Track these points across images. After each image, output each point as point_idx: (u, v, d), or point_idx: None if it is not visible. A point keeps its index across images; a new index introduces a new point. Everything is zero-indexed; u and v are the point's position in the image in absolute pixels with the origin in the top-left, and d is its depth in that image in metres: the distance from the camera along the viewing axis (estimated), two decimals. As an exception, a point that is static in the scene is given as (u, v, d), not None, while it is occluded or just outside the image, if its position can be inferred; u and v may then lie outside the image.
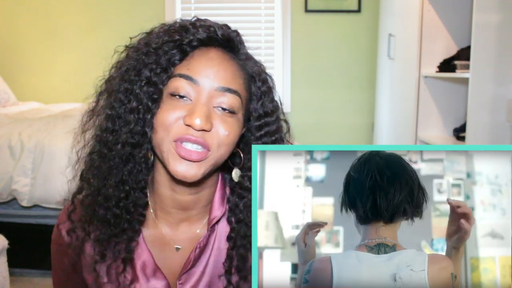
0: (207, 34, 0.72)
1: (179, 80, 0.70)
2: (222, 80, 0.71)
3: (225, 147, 0.72)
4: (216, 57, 0.72)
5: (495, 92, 2.17)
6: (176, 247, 0.80)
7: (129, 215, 0.75)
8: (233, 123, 0.72)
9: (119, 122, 0.73)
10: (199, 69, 0.70)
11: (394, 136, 3.23)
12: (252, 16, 3.87)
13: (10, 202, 2.31)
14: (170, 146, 0.70)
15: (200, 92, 0.70)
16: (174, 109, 0.70)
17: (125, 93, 0.72)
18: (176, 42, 0.71)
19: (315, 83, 3.86)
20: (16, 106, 3.34)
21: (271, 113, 0.78)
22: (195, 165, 0.70)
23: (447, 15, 2.66)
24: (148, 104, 0.71)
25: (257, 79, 0.77)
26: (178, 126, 0.69)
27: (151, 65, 0.71)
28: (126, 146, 0.72)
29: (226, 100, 0.71)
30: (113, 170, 0.73)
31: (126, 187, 0.74)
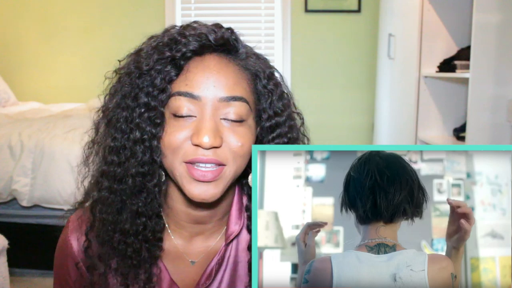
0: (199, 43, 0.67)
1: (179, 99, 0.66)
2: (224, 89, 0.66)
3: (241, 159, 0.68)
4: (213, 64, 0.67)
5: (495, 92, 2.17)
6: (190, 261, 0.77)
7: (148, 243, 0.72)
8: (244, 132, 0.68)
9: (125, 154, 0.68)
10: (198, 82, 0.66)
11: (394, 136, 3.23)
12: (252, 16, 3.87)
13: (10, 202, 2.31)
14: (182, 169, 0.66)
15: (203, 107, 0.65)
16: (179, 130, 0.66)
17: (125, 122, 0.68)
18: (168, 59, 0.66)
19: (315, 83, 3.86)
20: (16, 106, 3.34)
21: (281, 112, 0.73)
22: (212, 184, 0.66)
23: (447, 15, 2.66)
24: (151, 131, 0.67)
25: (262, 76, 0.71)
26: (186, 147, 0.65)
27: (147, 88, 0.67)
28: (137, 177, 0.68)
29: (232, 110, 0.66)
30: (127, 204, 0.70)
31: (142, 218, 0.70)
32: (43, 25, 3.85)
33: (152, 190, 0.70)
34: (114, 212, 0.70)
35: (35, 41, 3.86)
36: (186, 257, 0.77)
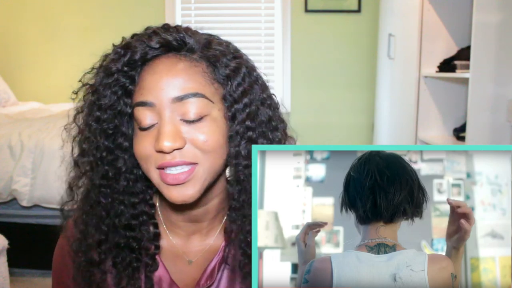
0: (141, 51, 0.67)
1: (138, 110, 0.67)
2: (175, 89, 0.65)
3: (212, 154, 0.67)
4: (162, 67, 0.66)
5: (495, 92, 2.17)
6: (188, 260, 0.77)
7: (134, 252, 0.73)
8: (208, 127, 0.67)
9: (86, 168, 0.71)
10: (150, 88, 0.66)
11: (394, 136, 3.23)
12: (252, 16, 3.87)
13: (10, 202, 2.31)
14: (157, 176, 0.67)
15: (159, 111, 0.65)
16: (144, 139, 0.67)
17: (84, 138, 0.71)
18: (116, 73, 0.67)
19: (315, 83, 3.86)
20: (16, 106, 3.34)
21: (244, 93, 0.70)
22: (188, 185, 0.66)
23: (447, 15, 2.66)
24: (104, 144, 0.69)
25: (218, 65, 0.69)
26: (155, 155, 0.66)
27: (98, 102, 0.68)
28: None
29: (189, 108, 0.65)
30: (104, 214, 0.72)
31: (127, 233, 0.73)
32: (43, 25, 3.85)
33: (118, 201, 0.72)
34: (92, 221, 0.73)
35: (35, 41, 3.86)
36: (185, 257, 0.77)
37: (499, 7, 2.13)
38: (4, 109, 3.16)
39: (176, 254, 0.77)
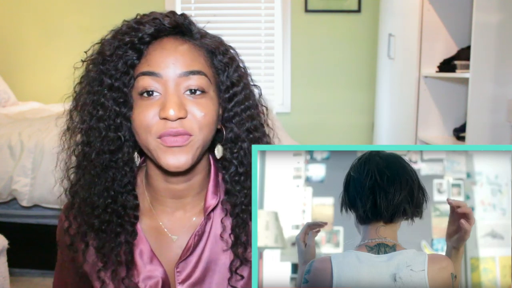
0: (155, 27, 0.73)
1: (143, 79, 0.72)
2: (182, 65, 0.72)
3: (206, 128, 0.73)
4: (170, 45, 0.73)
5: (495, 92, 2.17)
6: (172, 237, 0.81)
7: (120, 218, 0.77)
8: (206, 103, 0.73)
9: (93, 133, 0.74)
10: (158, 62, 0.72)
11: (394, 136, 3.23)
12: (252, 16, 3.87)
13: (10, 202, 2.31)
14: (157, 143, 0.72)
15: (166, 83, 0.71)
16: (148, 108, 0.71)
17: (92, 104, 0.74)
18: (127, 45, 0.72)
19: (315, 83, 3.86)
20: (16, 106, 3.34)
21: (237, 82, 0.78)
22: (183, 152, 0.72)
23: (447, 15, 2.66)
24: (115, 109, 0.73)
25: (217, 52, 0.77)
26: (157, 123, 0.71)
27: (110, 71, 0.72)
28: (103, 154, 0.74)
29: (192, 82, 0.72)
30: (96, 179, 0.75)
31: (111, 192, 0.76)
32: (43, 25, 3.85)
33: (120, 166, 0.76)
34: (86, 187, 0.76)
35: (35, 41, 3.86)
36: (169, 234, 0.81)
37: (499, 7, 2.13)
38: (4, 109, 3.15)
39: (161, 232, 0.81)
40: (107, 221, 0.77)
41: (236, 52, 0.81)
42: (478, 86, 2.18)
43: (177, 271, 0.79)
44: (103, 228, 0.77)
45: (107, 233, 0.77)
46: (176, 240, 0.81)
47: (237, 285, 0.79)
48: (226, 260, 0.80)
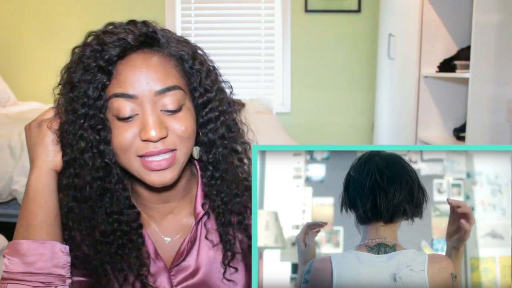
0: (120, 47, 0.69)
1: (118, 101, 0.69)
2: (157, 82, 0.70)
3: (188, 140, 0.73)
4: (140, 62, 0.70)
5: (495, 92, 2.17)
6: (165, 239, 0.82)
7: (127, 235, 0.76)
8: (185, 116, 0.72)
9: (78, 164, 0.72)
10: (130, 82, 0.69)
11: (394, 136, 3.23)
12: (252, 16, 3.87)
13: (10, 202, 2.31)
14: (138, 164, 0.71)
15: (142, 104, 0.69)
16: (126, 130, 0.70)
17: (71, 135, 0.72)
18: (95, 68, 0.69)
19: (315, 83, 3.86)
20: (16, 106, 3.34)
21: (211, 89, 0.77)
22: (168, 170, 0.71)
23: (447, 15, 2.66)
24: (96, 138, 0.70)
25: (187, 58, 0.75)
26: (137, 144, 0.70)
27: (82, 99, 0.69)
28: (94, 182, 0.73)
29: (169, 100, 0.70)
30: (95, 209, 0.74)
31: (114, 216, 0.75)
32: (43, 25, 3.85)
33: (114, 189, 0.74)
34: (87, 218, 0.75)
35: (35, 41, 3.86)
36: (162, 236, 0.82)
37: (499, 7, 2.13)
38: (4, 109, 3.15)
39: (154, 233, 0.82)
40: (121, 245, 0.76)
41: (203, 52, 0.79)
42: (478, 86, 2.18)
43: (171, 274, 0.80)
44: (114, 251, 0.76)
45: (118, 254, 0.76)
46: (169, 242, 0.82)
47: (232, 278, 0.80)
48: (219, 258, 0.81)
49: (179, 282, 0.80)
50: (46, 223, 0.72)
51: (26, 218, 0.73)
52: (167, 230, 0.82)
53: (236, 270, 0.80)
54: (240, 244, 0.81)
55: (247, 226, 0.80)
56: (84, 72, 0.70)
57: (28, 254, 0.71)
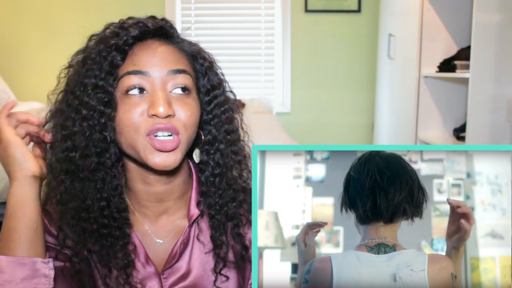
0: (139, 30, 0.73)
1: (130, 77, 0.71)
2: (169, 64, 0.73)
3: (191, 128, 0.74)
4: (155, 45, 0.74)
5: (495, 92, 2.17)
6: (157, 241, 0.81)
7: (116, 222, 0.75)
8: (191, 103, 0.74)
9: (77, 137, 0.72)
10: (144, 61, 0.72)
11: (394, 136, 3.23)
12: (252, 16, 3.87)
13: (10, 202, 2.31)
14: (145, 142, 0.71)
15: (153, 81, 0.72)
16: (135, 107, 0.71)
17: (76, 106, 0.72)
18: (112, 46, 0.72)
19: (315, 83, 3.86)
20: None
21: (218, 86, 0.80)
22: (171, 152, 0.72)
23: (447, 15, 2.66)
24: (100, 109, 0.71)
25: (198, 57, 0.78)
26: (145, 121, 0.71)
27: (94, 72, 0.71)
28: (89, 157, 0.72)
29: (178, 81, 0.73)
30: (86, 183, 0.73)
31: (104, 194, 0.74)
32: (43, 25, 3.85)
33: (109, 167, 0.74)
34: (78, 193, 0.74)
35: (35, 41, 3.86)
36: (154, 238, 0.81)
37: (499, 7, 2.13)
38: (4, 109, 3.15)
39: (146, 235, 0.81)
40: (106, 225, 0.75)
41: (213, 59, 0.81)
42: (478, 86, 2.18)
43: (163, 277, 0.79)
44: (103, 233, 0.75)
45: (106, 237, 0.75)
46: (161, 244, 0.81)
47: (223, 286, 0.80)
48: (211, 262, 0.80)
49: (171, 285, 0.79)
50: (25, 238, 0.70)
51: (6, 233, 0.71)
52: (160, 232, 0.81)
53: (227, 279, 0.80)
54: (233, 250, 0.80)
55: (241, 234, 0.80)
56: (100, 49, 0.72)
57: (7, 271, 0.69)
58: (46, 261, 0.71)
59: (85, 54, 0.74)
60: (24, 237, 0.70)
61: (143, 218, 0.81)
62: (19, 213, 0.70)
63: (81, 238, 0.75)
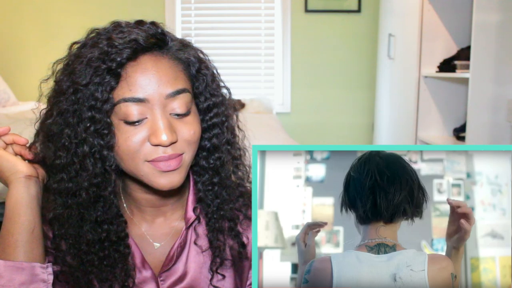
0: (131, 49, 0.67)
1: (127, 105, 0.67)
2: (167, 85, 0.68)
3: (195, 144, 0.73)
4: (150, 64, 0.68)
5: (495, 92, 2.17)
6: (154, 244, 0.81)
7: (115, 245, 0.75)
8: (193, 120, 0.72)
9: (74, 169, 0.69)
10: (141, 85, 0.67)
11: (394, 136, 3.23)
12: (252, 16, 3.87)
13: (10, 202, 2.31)
14: (148, 168, 0.69)
15: (152, 107, 0.67)
16: (134, 135, 0.67)
17: (69, 139, 0.68)
18: (104, 71, 0.66)
19: (315, 83, 3.86)
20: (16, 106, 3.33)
21: (217, 93, 0.77)
22: (176, 172, 0.70)
23: (447, 15, 2.66)
24: (100, 143, 0.67)
25: (193, 62, 0.74)
26: (146, 149, 0.68)
27: (88, 102, 0.66)
28: (90, 189, 0.70)
29: (178, 104, 0.69)
30: (86, 216, 0.72)
31: (104, 226, 0.73)
32: (43, 25, 3.85)
33: (108, 197, 0.72)
34: (75, 225, 0.72)
35: (35, 41, 3.86)
36: (151, 241, 0.81)
37: (499, 7, 2.13)
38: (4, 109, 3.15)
39: (143, 238, 0.81)
40: (106, 256, 0.74)
41: (206, 56, 0.77)
42: (478, 86, 2.18)
43: (160, 280, 0.79)
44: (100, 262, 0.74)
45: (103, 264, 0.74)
46: (158, 247, 0.81)
47: (219, 284, 0.79)
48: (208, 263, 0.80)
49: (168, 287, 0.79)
50: (22, 242, 0.68)
51: (3, 237, 0.69)
52: (156, 235, 0.81)
53: (224, 277, 0.80)
54: (231, 251, 0.80)
55: (238, 232, 0.80)
56: (92, 74, 0.66)
57: (5, 276, 0.67)
58: (45, 266, 0.70)
59: (73, 78, 0.68)
60: (22, 241, 0.69)
61: (140, 221, 0.81)
62: (15, 215, 0.69)
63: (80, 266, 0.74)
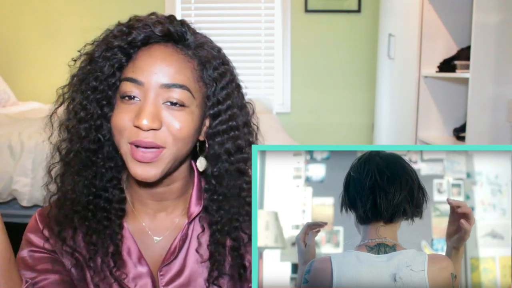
0: (145, 34, 0.72)
1: (126, 84, 0.71)
2: (166, 76, 0.71)
3: (181, 142, 0.72)
4: (159, 53, 0.72)
5: (495, 92, 2.17)
6: (155, 239, 0.82)
7: (106, 212, 0.77)
8: (184, 117, 0.72)
9: (73, 132, 0.75)
10: (143, 69, 0.71)
11: (394, 136, 3.23)
12: (252, 16, 3.87)
13: (10, 202, 2.31)
14: (127, 149, 0.72)
15: (146, 91, 0.70)
16: (125, 112, 0.71)
17: (77, 104, 0.74)
18: (116, 48, 0.72)
19: (315, 83, 3.86)
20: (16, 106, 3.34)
21: (223, 100, 0.77)
22: (152, 165, 0.71)
23: (447, 15, 2.66)
24: (97, 112, 0.73)
25: (208, 66, 0.75)
26: (130, 129, 0.71)
27: (96, 73, 0.72)
28: (82, 153, 0.75)
29: (171, 95, 0.71)
30: (77, 176, 0.76)
31: (92, 189, 0.76)
32: (43, 25, 3.85)
33: (101, 164, 0.76)
34: (69, 183, 0.76)
35: (35, 41, 3.86)
36: (152, 235, 0.82)
37: (499, 7, 2.13)
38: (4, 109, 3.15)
39: (143, 232, 0.82)
40: (89, 217, 0.77)
41: (231, 67, 0.79)
42: (478, 86, 2.18)
43: (160, 274, 0.79)
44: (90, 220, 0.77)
45: (94, 225, 0.77)
46: (158, 241, 0.81)
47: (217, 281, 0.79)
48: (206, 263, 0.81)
49: (168, 282, 0.79)
50: (1, 271, 0.71)
51: None
52: (157, 229, 0.82)
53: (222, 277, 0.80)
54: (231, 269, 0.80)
55: (241, 255, 0.79)
56: (106, 48, 0.72)
57: None
58: None
59: (91, 50, 0.75)
60: (1, 270, 0.71)
61: (142, 214, 0.82)
62: None
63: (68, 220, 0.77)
